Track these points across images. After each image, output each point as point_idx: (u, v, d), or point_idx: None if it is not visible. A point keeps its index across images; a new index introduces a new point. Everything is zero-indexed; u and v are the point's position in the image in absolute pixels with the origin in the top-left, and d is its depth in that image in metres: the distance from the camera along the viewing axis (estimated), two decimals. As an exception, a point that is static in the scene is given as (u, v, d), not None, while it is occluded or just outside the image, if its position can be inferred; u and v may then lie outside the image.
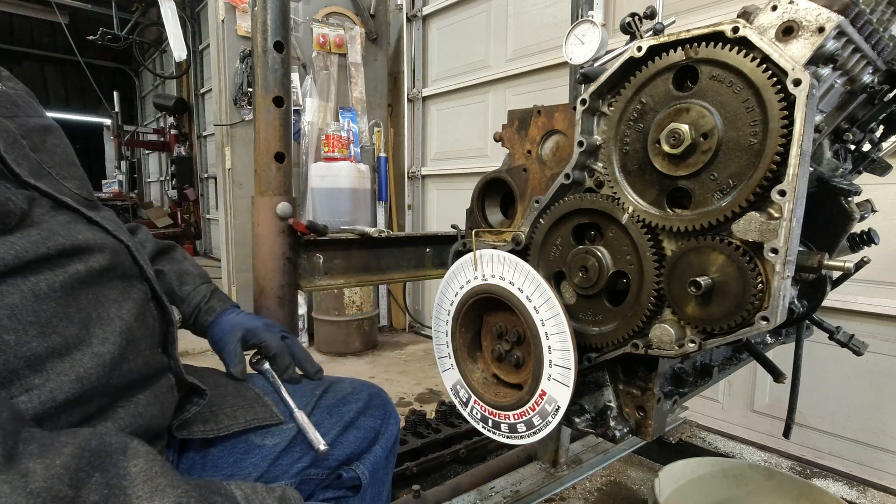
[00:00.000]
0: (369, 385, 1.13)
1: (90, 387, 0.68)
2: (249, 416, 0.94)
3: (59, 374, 0.66)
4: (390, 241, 1.47)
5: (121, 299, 0.77)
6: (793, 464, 2.02)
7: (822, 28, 0.72)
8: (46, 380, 0.65)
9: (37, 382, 0.64)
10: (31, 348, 0.65)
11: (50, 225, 0.72)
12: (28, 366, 0.64)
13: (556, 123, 1.01)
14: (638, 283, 0.85)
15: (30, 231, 0.69)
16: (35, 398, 0.63)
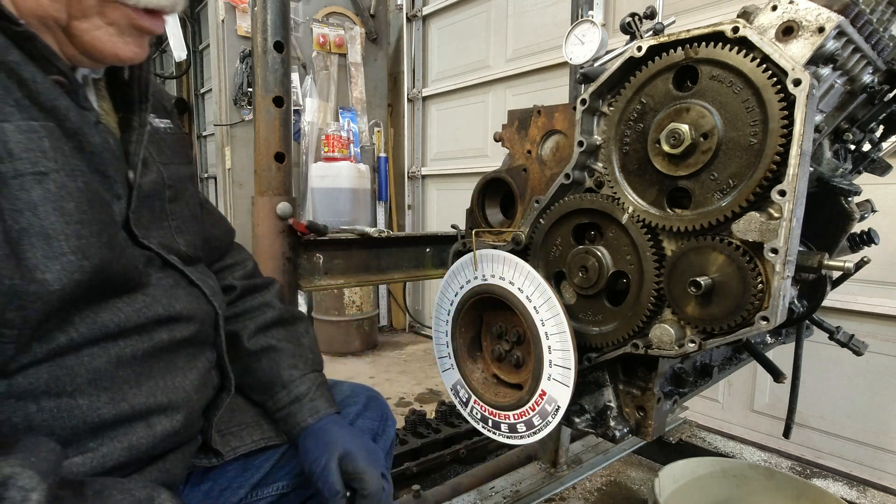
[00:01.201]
0: (366, 388, 1.13)
1: (137, 456, 0.69)
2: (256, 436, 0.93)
3: (113, 441, 0.66)
4: (390, 241, 1.47)
5: (187, 368, 0.78)
6: (793, 464, 2.02)
7: (822, 28, 0.72)
8: (101, 444, 0.65)
9: (91, 446, 0.65)
10: (100, 414, 0.65)
11: (155, 290, 0.73)
12: (91, 430, 0.65)
13: (556, 123, 1.01)
14: (638, 283, 0.85)
15: (136, 297, 0.70)
16: (88, 461, 0.64)
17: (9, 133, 0.56)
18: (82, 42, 0.64)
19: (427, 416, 2.40)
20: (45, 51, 0.61)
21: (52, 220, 0.59)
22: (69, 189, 0.61)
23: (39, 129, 0.59)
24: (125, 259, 0.69)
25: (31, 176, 0.58)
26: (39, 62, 0.61)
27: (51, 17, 0.62)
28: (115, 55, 0.67)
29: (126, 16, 0.65)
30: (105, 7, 0.64)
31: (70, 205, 0.61)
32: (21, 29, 0.58)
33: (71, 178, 0.62)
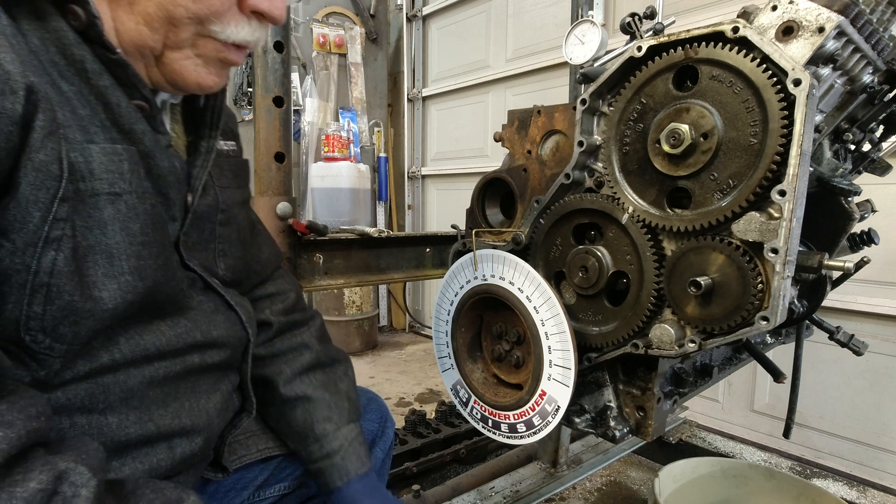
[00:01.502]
0: (366, 390, 1.13)
1: (156, 476, 0.69)
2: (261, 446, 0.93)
3: (135, 461, 0.67)
4: (390, 241, 1.47)
5: (211, 391, 0.78)
6: (793, 464, 2.02)
7: (822, 28, 0.72)
8: (124, 465, 0.66)
9: (115, 465, 0.65)
10: (127, 433, 0.65)
11: (196, 314, 0.74)
12: (116, 449, 0.65)
13: (556, 123, 1.01)
14: (638, 283, 0.85)
15: (179, 321, 0.71)
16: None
17: (94, 154, 0.59)
18: (170, 70, 0.67)
19: (427, 416, 2.40)
20: (133, 78, 0.63)
21: (118, 239, 0.61)
22: (137, 211, 0.63)
23: (122, 151, 0.62)
24: (175, 281, 0.71)
25: (106, 196, 0.60)
26: (126, 87, 0.63)
27: (148, 46, 0.64)
28: (198, 84, 0.70)
29: (216, 48, 0.68)
30: (199, 39, 0.66)
31: (136, 226, 0.63)
32: (116, 57, 0.61)
33: (141, 199, 0.64)
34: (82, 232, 0.58)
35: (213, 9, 0.64)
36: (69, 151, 0.56)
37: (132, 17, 0.62)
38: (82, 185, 0.58)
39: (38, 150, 0.53)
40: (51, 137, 0.54)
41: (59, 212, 0.55)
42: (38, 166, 0.53)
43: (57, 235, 0.55)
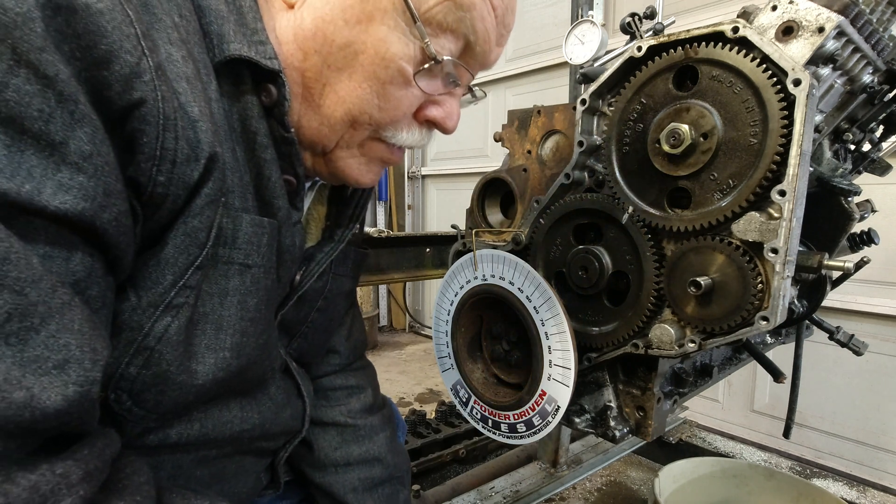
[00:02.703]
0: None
1: None
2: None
3: None
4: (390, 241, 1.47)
5: (250, 473, 0.78)
6: (793, 464, 2.02)
7: (822, 28, 0.72)
8: None
9: None
10: None
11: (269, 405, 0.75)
12: None
13: (556, 123, 1.01)
14: (638, 283, 0.85)
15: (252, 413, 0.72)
16: None
17: (244, 223, 0.60)
18: (335, 166, 0.69)
19: (427, 416, 2.40)
20: (294, 157, 0.64)
21: (232, 312, 0.61)
22: (259, 286, 0.63)
23: (266, 224, 0.62)
24: (269, 360, 0.71)
25: (238, 266, 0.60)
26: (284, 163, 0.64)
27: (322, 144, 0.66)
28: (356, 181, 0.72)
29: (382, 150, 0.70)
30: (369, 142, 0.68)
31: (252, 301, 0.63)
32: (289, 135, 0.63)
33: (266, 275, 0.64)
34: (203, 299, 0.58)
35: (395, 118, 0.66)
36: (223, 217, 0.57)
37: (317, 118, 0.64)
38: (222, 251, 0.58)
39: (195, 216, 0.54)
40: (210, 206, 0.55)
41: (191, 279, 0.55)
42: (188, 231, 0.54)
43: (179, 302, 0.55)
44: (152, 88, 0.48)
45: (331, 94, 0.63)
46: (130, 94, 0.46)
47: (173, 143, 0.50)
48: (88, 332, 0.43)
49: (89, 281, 0.47)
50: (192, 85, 0.53)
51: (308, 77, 0.63)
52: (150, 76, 0.47)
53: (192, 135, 0.51)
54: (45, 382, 0.39)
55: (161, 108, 0.48)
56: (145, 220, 0.52)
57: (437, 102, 0.69)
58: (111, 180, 0.46)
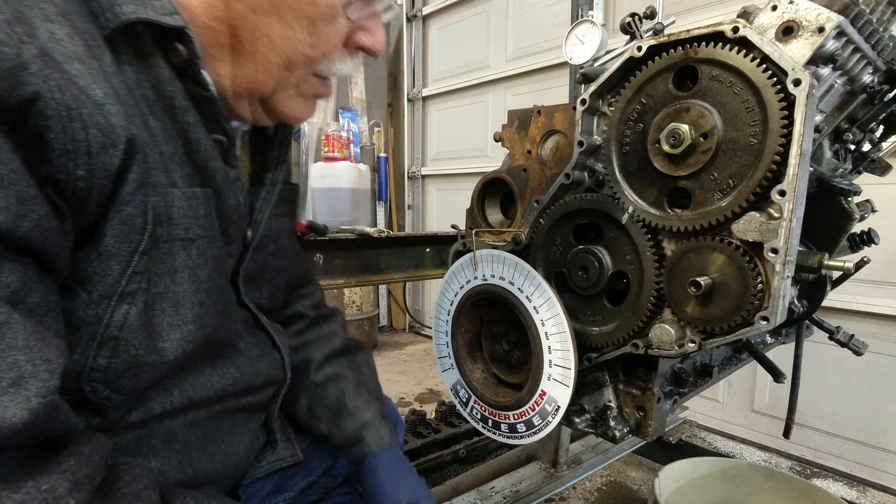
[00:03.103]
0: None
1: None
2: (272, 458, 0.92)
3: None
4: (390, 241, 1.47)
5: (244, 430, 0.78)
6: (793, 464, 2.02)
7: (822, 28, 0.72)
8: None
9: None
10: (166, 478, 0.65)
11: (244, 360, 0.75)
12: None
13: (556, 123, 1.01)
14: (638, 283, 0.85)
15: (228, 368, 0.72)
16: None
17: (175, 199, 0.59)
18: (275, 109, 0.69)
19: (427, 416, 2.40)
20: (219, 114, 0.64)
21: (185, 287, 0.61)
22: (206, 256, 0.63)
23: (200, 195, 0.62)
24: (231, 323, 0.71)
25: (180, 242, 0.60)
26: (209, 122, 0.63)
27: (259, 90, 0.66)
28: (297, 117, 0.73)
29: (315, 86, 0.71)
30: (302, 80, 0.68)
31: (203, 272, 0.63)
32: (208, 94, 0.61)
33: (210, 244, 0.64)
34: (154, 281, 0.58)
35: (327, 52, 0.66)
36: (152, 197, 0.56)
37: (252, 66, 0.64)
38: (160, 231, 0.57)
39: (128, 203, 0.53)
40: (140, 189, 0.54)
41: (139, 265, 0.55)
42: (124, 219, 0.53)
43: (132, 289, 0.55)
44: (43, 79, 0.44)
45: (262, 39, 0.62)
46: (21, 89, 0.43)
47: (83, 133, 0.47)
48: (36, 344, 0.43)
49: (26, 290, 0.46)
50: (87, 64, 0.49)
51: (235, 26, 0.62)
52: (37, 65, 0.44)
53: (102, 120, 0.49)
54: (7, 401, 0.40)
55: (60, 99, 0.45)
56: (75, 216, 0.50)
57: (363, 28, 0.69)
58: (22, 186, 0.44)
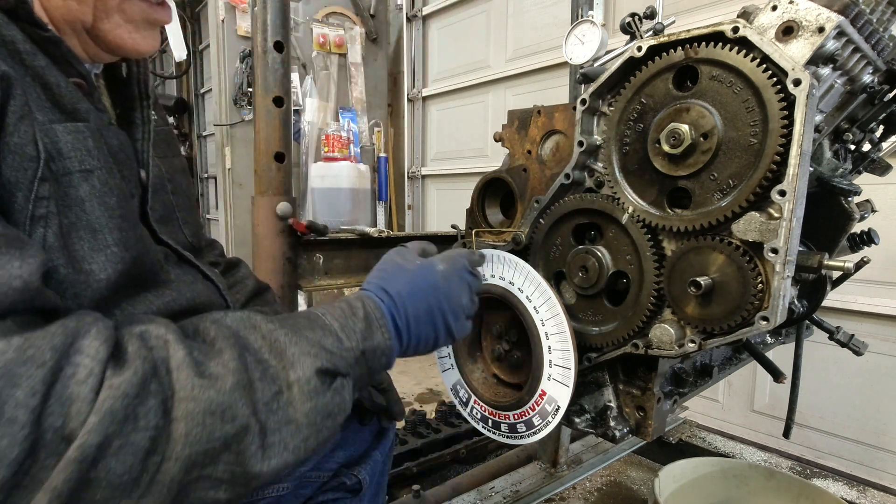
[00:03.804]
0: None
1: None
2: None
3: None
4: (390, 241, 1.47)
5: None
6: (793, 464, 2.02)
7: (822, 28, 0.72)
8: None
9: None
10: None
11: (178, 285, 0.76)
12: None
13: (556, 123, 1.00)
14: (638, 283, 0.85)
15: (164, 291, 0.72)
16: None
17: (59, 134, 0.59)
18: (106, 41, 0.68)
19: (427, 416, 2.40)
20: (68, 55, 0.63)
21: (98, 214, 0.62)
22: (110, 185, 0.64)
23: (83, 129, 0.62)
24: (152, 253, 0.71)
25: (78, 174, 0.60)
26: (62, 66, 0.63)
27: (78, 20, 0.65)
28: (136, 49, 0.71)
29: (142, 11, 0.69)
30: (125, 4, 0.67)
31: (112, 199, 0.63)
32: (48, 34, 0.61)
33: (111, 175, 0.65)
34: (64, 211, 0.59)
35: None
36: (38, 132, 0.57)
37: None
38: (54, 166, 0.58)
39: (13, 134, 0.54)
40: (24, 120, 0.55)
41: (41, 191, 0.56)
42: (13, 149, 0.54)
43: (42, 213, 0.56)
44: None
45: None
46: None
47: None
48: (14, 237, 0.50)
49: None
50: None
51: None
52: None
53: None
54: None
55: None
56: None
57: None
58: None
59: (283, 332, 0.62)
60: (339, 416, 0.63)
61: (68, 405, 0.44)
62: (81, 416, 0.44)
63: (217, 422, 0.51)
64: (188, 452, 0.49)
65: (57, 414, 0.44)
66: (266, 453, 0.54)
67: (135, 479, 0.46)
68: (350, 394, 0.65)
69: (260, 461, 0.53)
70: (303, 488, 0.98)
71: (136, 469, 0.46)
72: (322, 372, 0.61)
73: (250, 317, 0.63)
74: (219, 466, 0.51)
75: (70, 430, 0.44)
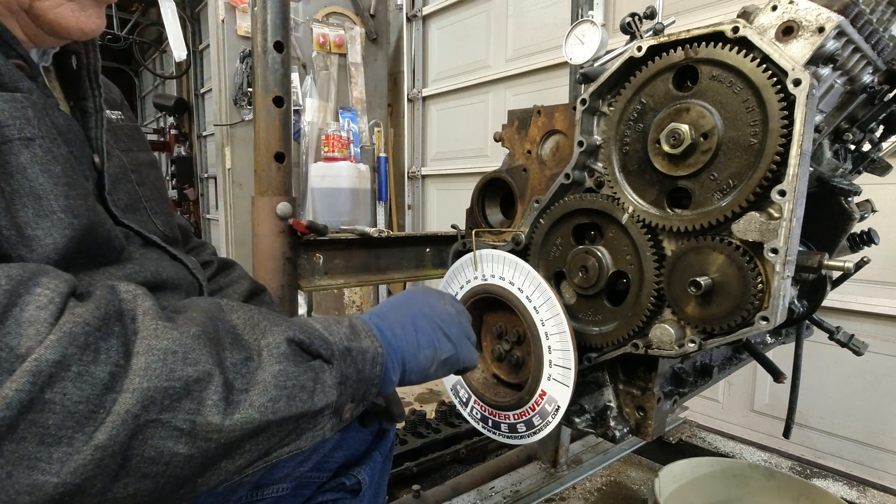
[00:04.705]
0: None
1: None
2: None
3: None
4: (390, 241, 1.47)
5: None
6: (793, 464, 2.02)
7: (822, 28, 0.72)
8: None
9: None
10: None
11: (142, 261, 0.76)
12: None
13: (556, 123, 1.00)
14: (638, 283, 0.85)
15: (126, 264, 0.72)
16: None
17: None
18: (47, 21, 0.66)
19: (427, 416, 2.40)
20: (5, 35, 0.63)
21: (41, 181, 0.61)
22: (55, 154, 0.63)
23: (22, 99, 0.61)
24: (109, 226, 0.70)
25: (18, 141, 0.60)
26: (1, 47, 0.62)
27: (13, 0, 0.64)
28: (80, 29, 0.69)
29: None
30: None
31: (57, 168, 0.63)
32: None
33: (55, 144, 0.64)
34: (4, 178, 0.58)
35: None
36: None
37: None
38: None
39: None
40: None
41: None
42: None
43: None
44: None
45: None
46: None
47: None
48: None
49: None
50: None
51: None
52: None
53: None
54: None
55: None
56: None
57: None
58: None
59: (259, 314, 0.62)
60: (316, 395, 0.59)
61: (26, 327, 0.43)
62: (40, 336, 0.43)
63: (178, 362, 0.49)
64: (146, 386, 0.47)
65: (14, 334, 0.42)
66: (230, 407, 0.51)
67: (91, 411, 0.44)
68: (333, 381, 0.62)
69: (222, 413, 0.51)
70: (302, 488, 0.98)
71: (94, 402, 0.44)
72: (294, 342, 0.60)
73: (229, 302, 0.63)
74: (178, 414, 0.48)
75: (27, 348, 0.42)
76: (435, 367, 0.77)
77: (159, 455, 0.48)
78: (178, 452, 0.49)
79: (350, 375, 0.65)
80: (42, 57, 0.74)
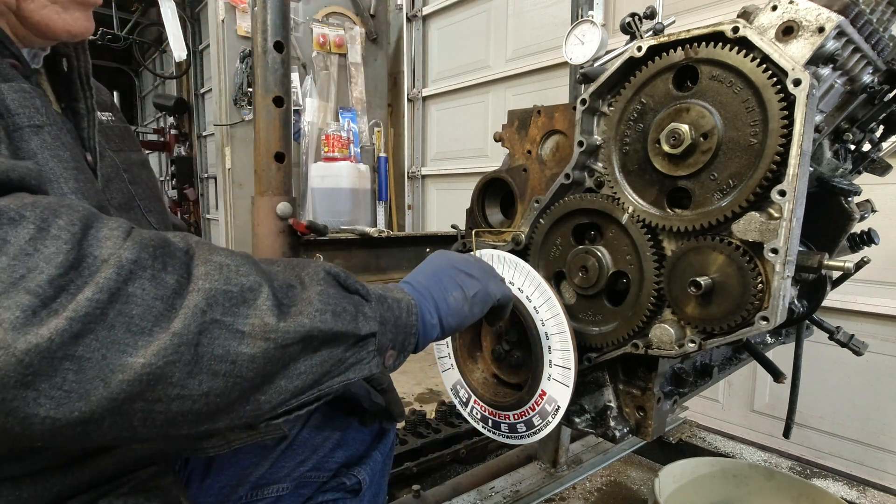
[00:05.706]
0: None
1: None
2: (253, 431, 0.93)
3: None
4: (390, 241, 1.47)
5: None
6: (793, 464, 2.02)
7: (822, 28, 0.72)
8: None
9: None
10: None
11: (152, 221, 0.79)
12: None
13: (556, 123, 1.00)
14: (638, 283, 0.85)
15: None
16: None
17: (5, 92, 0.61)
18: (34, 23, 0.68)
19: (427, 416, 2.40)
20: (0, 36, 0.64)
21: (52, 165, 0.63)
22: (62, 140, 0.65)
23: (29, 89, 0.63)
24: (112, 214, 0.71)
25: (28, 128, 0.62)
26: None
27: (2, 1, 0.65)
28: (67, 31, 0.70)
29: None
30: None
31: (66, 153, 0.65)
32: None
33: (61, 132, 0.66)
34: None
35: None
36: None
37: None
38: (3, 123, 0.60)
39: None
40: None
41: None
42: None
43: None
44: None
45: None
46: None
47: None
48: None
49: None
50: None
51: None
52: None
53: None
54: None
55: None
56: None
57: None
58: None
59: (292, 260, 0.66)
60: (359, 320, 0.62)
61: (104, 241, 0.48)
62: (116, 246, 0.48)
63: (233, 273, 0.54)
64: (209, 287, 0.51)
65: (95, 246, 0.48)
66: (282, 314, 0.55)
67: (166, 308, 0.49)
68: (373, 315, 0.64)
69: (276, 316, 0.54)
70: (303, 488, 0.98)
71: (167, 301, 0.49)
72: (332, 275, 0.63)
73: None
74: (238, 318, 0.52)
75: (108, 254, 0.47)
76: (469, 306, 0.79)
77: (226, 353, 0.51)
78: (242, 352, 0.52)
79: (388, 319, 0.67)
80: (33, 59, 0.75)
